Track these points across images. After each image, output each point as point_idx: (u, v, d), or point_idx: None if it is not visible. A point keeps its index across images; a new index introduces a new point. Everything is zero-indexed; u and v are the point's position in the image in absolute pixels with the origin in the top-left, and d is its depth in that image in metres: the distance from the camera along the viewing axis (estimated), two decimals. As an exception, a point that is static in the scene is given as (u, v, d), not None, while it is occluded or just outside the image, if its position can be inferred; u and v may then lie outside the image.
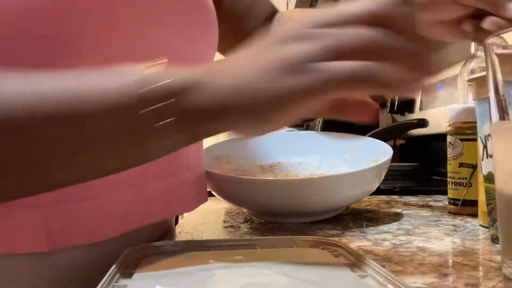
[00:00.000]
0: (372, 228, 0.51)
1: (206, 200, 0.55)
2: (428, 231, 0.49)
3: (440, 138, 0.78)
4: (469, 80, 0.49)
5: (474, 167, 0.58)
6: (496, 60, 0.32)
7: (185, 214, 0.68)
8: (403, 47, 0.28)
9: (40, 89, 0.30)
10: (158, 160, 0.35)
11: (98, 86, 0.30)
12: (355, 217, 0.58)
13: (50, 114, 0.29)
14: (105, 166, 0.33)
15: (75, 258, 0.42)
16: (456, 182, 0.60)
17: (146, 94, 0.29)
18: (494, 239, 0.43)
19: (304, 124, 1.74)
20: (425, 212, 0.61)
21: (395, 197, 0.77)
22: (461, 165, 0.59)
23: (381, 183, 0.57)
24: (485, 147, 0.46)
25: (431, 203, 0.70)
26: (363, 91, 0.31)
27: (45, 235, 0.38)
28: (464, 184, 0.59)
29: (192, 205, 0.52)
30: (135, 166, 0.33)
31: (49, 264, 0.40)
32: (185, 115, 0.29)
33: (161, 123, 0.29)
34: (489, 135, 0.45)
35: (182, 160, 0.50)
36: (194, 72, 0.30)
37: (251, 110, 0.29)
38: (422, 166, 1.12)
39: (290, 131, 0.78)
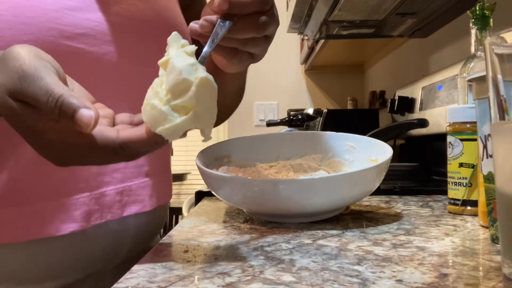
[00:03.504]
0: (372, 228, 0.51)
1: (168, 199, 0.64)
2: (428, 231, 0.49)
3: (440, 138, 0.78)
4: (469, 80, 0.49)
5: (474, 167, 0.58)
6: (496, 60, 0.32)
7: (185, 214, 0.68)
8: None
9: None
10: (115, 169, 0.52)
11: None
12: (355, 217, 0.58)
13: None
14: None
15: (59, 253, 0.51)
16: (456, 182, 0.60)
17: None
18: (494, 239, 0.43)
19: (304, 124, 1.74)
20: (425, 212, 0.61)
21: (395, 197, 0.77)
22: (461, 165, 0.59)
23: (381, 183, 0.57)
24: (485, 147, 0.46)
25: (431, 203, 0.70)
26: None
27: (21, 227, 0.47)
28: (464, 184, 0.59)
29: (151, 205, 0.59)
30: None
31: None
32: None
33: None
34: (489, 135, 0.45)
35: (142, 168, 0.57)
36: None
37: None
38: (422, 166, 1.12)
39: (290, 131, 0.78)
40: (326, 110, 1.61)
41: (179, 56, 0.37)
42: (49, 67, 0.35)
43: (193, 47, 0.38)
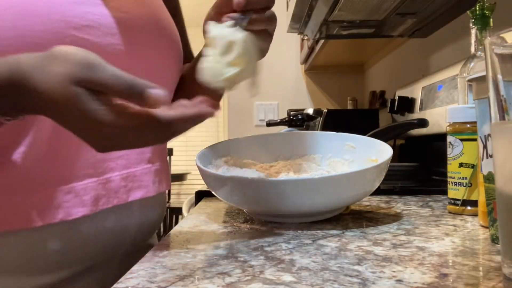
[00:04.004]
0: (372, 228, 0.51)
1: (168, 187, 0.67)
2: (428, 231, 0.49)
3: (440, 138, 0.78)
4: (469, 80, 0.49)
5: (474, 167, 0.58)
6: (496, 60, 0.32)
7: (185, 214, 0.68)
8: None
9: None
10: (119, 156, 0.55)
11: None
12: (355, 217, 0.58)
13: None
14: None
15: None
16: (456, 182, 0.60)
17: None
18: (494, 239, 0.43)
19: (304, 124, 1.74)
20: (425, 212, 0.61)
21: (395, 197, 0.77)
22: (461, 165, 0.59)
23: (381, 183, 0.57)
24: (485, 147, 0.46)
25: (431, 203, 0.70)
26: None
27: (37, 213, 0.48)
28: (464, 184, 0.59)
29: (154, 191, 0.61)
30: None
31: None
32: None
33: None
34: (489, 135, 0.45)
35: (145, 155, 0.60)
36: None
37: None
38: (422, 166, 1.12)
39: (290, 131, 0.78)
40: (326, 110, 1.61)
41: (220, 28, 0.48)
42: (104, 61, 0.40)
43: (230, 22, 0.48)
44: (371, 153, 0.63)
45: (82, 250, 0.54)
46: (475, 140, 0.57)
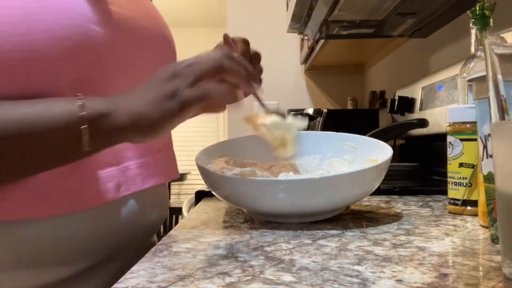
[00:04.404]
0: (372, 228, 0.51)
1: (177, 176, 0.71)
2: (428, 231, 0.49)
3: (440, 138, 0.78)
4: (469, 80, 0.49)
5: (474, 167, 0.58)
6: (496, 60, 0.32)
7: (185, 214, 0.69)
8: (236, 69, 0.51)
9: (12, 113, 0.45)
10: (134, 146, 0.59)
11: (55, 109, 0.46)
12: (355, 217, 0.58)
13: (22, 130, 0.45)
14: (53, 162, 0.49)
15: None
16: (456, 182, 0.60)
17: (86, 115, 0.46)
18: (494, 239, 0.43)
19: (304, 124, 1.74)
20: (425, 212, 0.61)
21: (395, 197, 0.77)
22: (461, 165, 0.59)
23: (381, 183, 0.57)
24: (485, 147, 0.46)
25: (431, 203, 0.70)
26: (209, 102, 0.49)
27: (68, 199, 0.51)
28: (464, 184, 0.59)
29: (165, 178, 0.66)
30: (72, 162, 0.50)
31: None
32: (103, 130, 0.47)
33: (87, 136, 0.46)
34: (489, 135, 0.45)
35: (155, 145, 0.63)
36: (110, 102, 0.48)
37: (140, 129, 0.48)
38: (422, 166, 1.12)
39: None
40: (326, 110, 1.61)
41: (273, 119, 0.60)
42: None
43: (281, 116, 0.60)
44: (371, 153, 0.63)
45: (102, 238, 0.56)
46: (475, 140, 0.57)
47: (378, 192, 0.67)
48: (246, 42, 0.64)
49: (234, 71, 0.50)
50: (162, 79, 0.49)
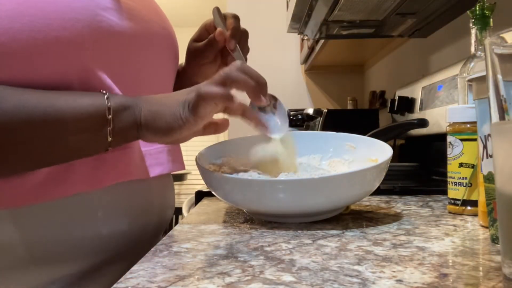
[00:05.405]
0: (372, 228, 0.51)
1: (183, 168, 0.73)
2: (428, 231, 0.49)
3: (440, 138, 0.78)
4: (469, 80, 0.49)
5: (474, 167, 0.58)
6: (496, 60, 0.32)
7: (185, 214, 0.69)
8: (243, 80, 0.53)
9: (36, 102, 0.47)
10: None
11: (81, 100, 0.49)
12: (355, 217, 0.58)
13: (50, 120, 0.47)
14: (75, 153, 0.51)
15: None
16: (456, 182, 0.60)
17: (112, 106, 0.50)
18: (494, 239, 0.43)
19: (304, 124, 1.74)
20: (425, 212, 0.61)
21: (395, 197, 0.77)
22: (461, 165, 0.59)
23: (381, 183, 0.57)
24: (485, 147, 0.46)
25: (431, 203, 0.70)
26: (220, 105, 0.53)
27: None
28: (464, 184, 0.59)
29: (172, 168, 0.67)
30: (95, 154, 0.52)
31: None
32: (124, 122, 0.51)
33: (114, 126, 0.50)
34: (489, 135, 0.45)
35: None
36: (131, 99, 0.52)
37: (154, 128, 0.51)
38: (422, 166, 1.12)
39: (290, 131, 0.78)
40: (326, 110, 1.61)
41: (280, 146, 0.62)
42: None
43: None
44: (371, 153, 0.63)
45: (112, 236, 0.57)
46: (475, 140, 0.57)
47: (378, 192, 0.67)
48: (236, 18, 0.67)
49: (242, 82, 0.53)
50: (182, 91, 0.53)
